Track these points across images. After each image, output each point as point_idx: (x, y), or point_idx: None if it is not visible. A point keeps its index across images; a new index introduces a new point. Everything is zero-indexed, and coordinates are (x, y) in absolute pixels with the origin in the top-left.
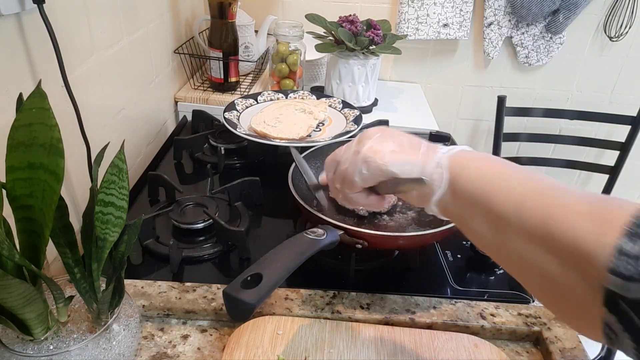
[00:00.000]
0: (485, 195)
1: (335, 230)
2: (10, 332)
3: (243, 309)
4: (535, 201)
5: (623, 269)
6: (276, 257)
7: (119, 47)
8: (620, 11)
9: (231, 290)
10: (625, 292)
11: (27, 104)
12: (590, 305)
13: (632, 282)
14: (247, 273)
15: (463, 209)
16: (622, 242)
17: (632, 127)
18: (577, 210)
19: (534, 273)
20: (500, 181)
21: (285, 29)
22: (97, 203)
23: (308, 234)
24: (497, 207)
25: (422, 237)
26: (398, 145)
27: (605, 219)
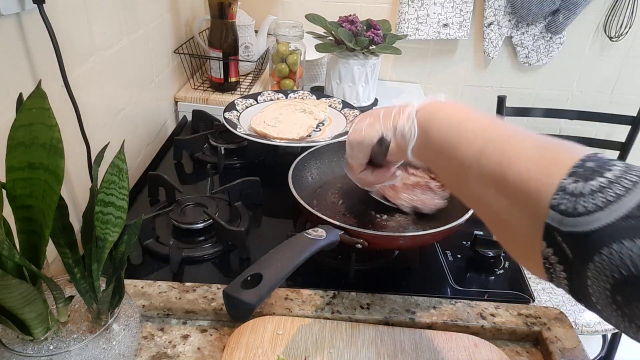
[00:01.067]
0: (450, 144)
1: (336, 230)
2: (10, 332)
3: (243, 309)
4: (493, 148)
5: (562, 206)
6: (276, 257)
7: (119, 47)
8: (620, 11)
9: (231, 290)
10: (561, 225)
11: (27, 104)
12: (532, 240)
13: (568, 216)
14: (247, 273)
15: (432, 156)
16: (565, 182)
17: (632, 127)
18: (529, 155)
19: (489, 212)
20: (463, 131)
21: (285, 29)
22: (97, 203)
23: (308, 234)
24: (460, 155)
25: (422, 237)
26: (374, 117)
27: (553, 162)
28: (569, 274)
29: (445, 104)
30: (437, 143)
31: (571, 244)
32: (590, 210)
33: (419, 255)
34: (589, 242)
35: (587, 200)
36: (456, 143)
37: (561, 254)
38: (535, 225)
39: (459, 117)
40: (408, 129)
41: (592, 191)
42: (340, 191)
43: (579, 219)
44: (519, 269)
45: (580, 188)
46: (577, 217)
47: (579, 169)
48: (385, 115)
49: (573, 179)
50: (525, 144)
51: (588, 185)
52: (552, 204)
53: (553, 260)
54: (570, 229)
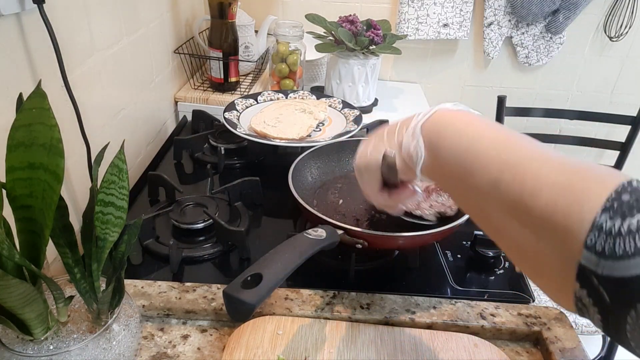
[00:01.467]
0: (462, 169)
1: (336, 230)
2: (10, 332)
3: (243, 309)
4: (511, 175)
5: (598, 246)
6: (276, 257)
7: (119, 47)
8: (620, 11)
9: (231, 290)
10: (597, 268)
11: (27, 104)
12: (563, 278)
13: (605, 259)
14: (247, 273)
15: (445, 178)
16: (600, 218)
17: (632, 127)
18: (554, 183)
19: (512, 244)
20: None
21: (285, 29)
22: (97, 203)
23: (308, 234)
24: (475, 182)
25: (422, 237)
26: (378, 138)
27: (584, 193)
28: (605, 317)
29: (453, 117)
30: (448, 166)
31: (610, 288)
32: (630, 253)
33: (419, 255)
34: (631, 289)
35: (627, 241)
36: (469, 169)
37: (597, 297)
38: (567, 264)
39: (470, 135)
40: (414, 147)
41: (630, 230)
42: (341, 191)
43: (619, 262)
44: None
45: (617, 226)
46: (617, 261)
47: (614, 202)
48: (389, 133)
49: (608, 215)
50: (547, 168)
51: (626, 223)
52: (587, 243)
53: (587, 302)
54: (609, 273)
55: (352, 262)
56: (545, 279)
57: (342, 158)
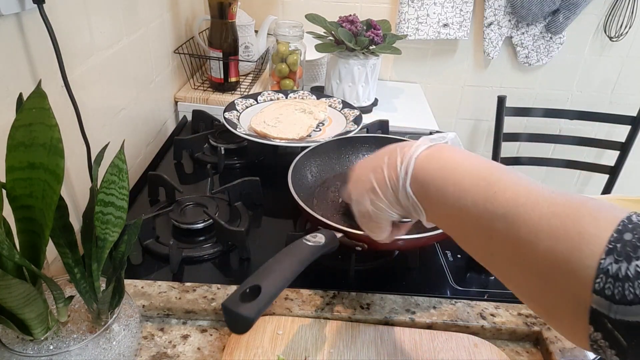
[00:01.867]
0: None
1: (335, 234)
2: (10, 332)
3: (242, 323)
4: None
5: (607, 290)
6: (275, 267)
7: (119, 47)
8: (620, 11)
9: (230, 304)
10: (610, 312)
11: (27, 104)
12: (576, 321)
13: (617, 303)
14: (246, 285)
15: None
16: (605, 262)
17: (632, 127)
18: (547, 228)
19: (522, 289)
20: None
21: (285, 29)
22: (97, 203)
23: (307, 240)
24: (471, 234)
25: (422, 239)
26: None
27: (584, 238)
28: (623, 357)
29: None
30: (445, 220)
31: (624, 332)
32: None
33: (419, 255)
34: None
35: (635, 285)
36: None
37: (613, 340)
38: (578, 308)
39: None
40: (412, 206)
41: (638, 273)
42: (341, 189)
43: (631, 307)
44: None
45: (624, 270)
46: (628, 306)
47: (617, 244)
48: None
49: (613, 258)
50: (537, 212)
51: (633, 266)
52: (596, 288)
53: (602, 344)
54: (622, 318)
55: (352, 262)
56: (558, 321)
57: (342, 155)
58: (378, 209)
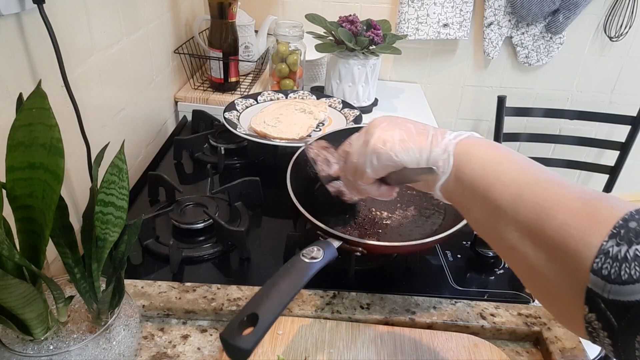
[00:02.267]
0: (484, 184)
1: (333, 245)
2: (10, 332)
3: (240, 354)
4: (530, 194)
5: (604, 270)
6: (272, 291)
7: (119, 47)
8: (620, 11)
9: (227, 336)
10: (604, 292)
11: (27, 104)
12: (573, 301)
13: (611, 283)
14: (243, 314)
15: (464, 195)
16: (607, 244)
17: (632, 127)
18: (570, 206)
19: (524, 265)
20: (499, 172)
21: (285, 29)
22: (97, 203)
23: (305, 256)
24: (495, 197)
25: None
26: (406, 133)
27: (595, 219)
28: (614, 341)
29: (482, 142)
30: (470, 182)
31: (616, 312)
32: (636, 278)
33: (419, 255)
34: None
35: (632, 266)
36: (491, 184)
37: (605, 321)
38: (575, 288)
39: (496, 157)
40: (442, 162)
41: (637, 256)
42: None
43: (624, 287)
44: None
45: (624, 252)
46: (622, 285)
47: (621, 229)
48: (420, 135)
49: (615, 241)
50: (565, 192)
51: (632, 249)
52: (594, 267)
53: (596, 326)
54: (615, 297)
55: (352, 263)
56: (556, 302)
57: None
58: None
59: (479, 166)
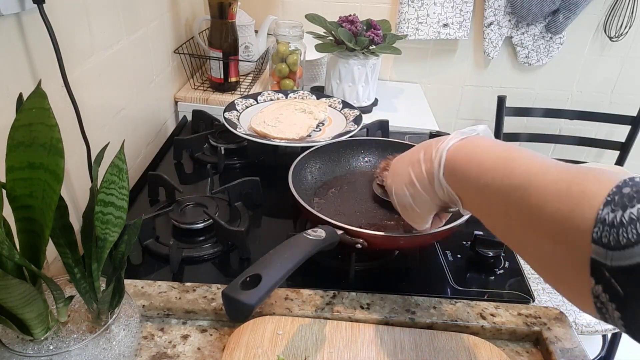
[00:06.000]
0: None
1: (335, 230)
2: (10, 332)
3: (242, 310)
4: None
5: (604, 238)
6: (275, 257)
7: (119, 47)
8: (620, 11)
9: (230, 291)
10: (606, 260)
11: (27, 104)
12: (580, 277)
13: (612, 250)
14: (246, 274)
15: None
16: (602, 212)
17: (632, 127)
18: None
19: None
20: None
21: (285, 29)
22: (97, 203)
23: (308, 234)
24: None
25: (422, 237)
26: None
27: (583, 195)
28: (623, 313)
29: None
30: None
31: (621, 279)
32: (634, 241)
33: (419, 255)
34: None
35: (629, 230)
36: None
37: (612, 291)
38: (581, 263)
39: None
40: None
41: (632, 219)
42: (341, 190)
43: (624, 252)
44: (519, 269)
45: (619, 217)
46: (622, 250)
47: (615, 196)
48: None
49: (610, 208)
50: (547, 180)
51: (627, 213)
52: (594, 237)
53: (604, 299)
54: (617, 263)
55: (352, 262)
56: (567, 284)
57: (342, 157)
58: (418, 201)
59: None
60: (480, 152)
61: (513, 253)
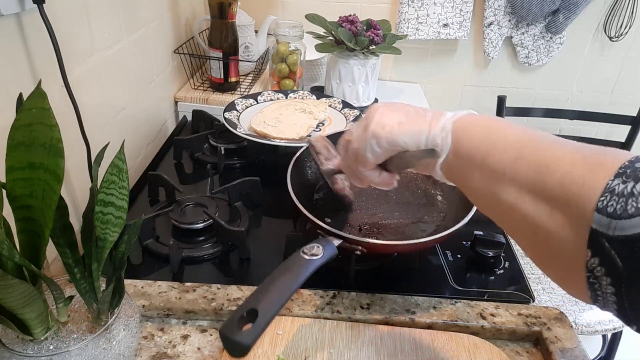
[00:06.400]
0: (482, 152)
1: (333, 243)
2: (10, 332)
3: (239, 349)
4: (531, 153)
5: (609, 207)
6: (272, 287)
7: (119, 47)
8: (620, 11)
9: (226, 331)
10: (609, 230)
11: (27, 104)
12: (575, 250)
13: (617, 219)
14: (243, 309)
15: (463, 167)
16: (613, 182)
17: (632, 127)
18: (571, 159)
19: (525, 224)
20: (497, 139)
21: (285, 29)
22: (97, 203)
23: (304, 253)
24: (494, 160)
25: (422, 244)
26: (405, 115)
27: (599, 165)
28: (618, 288)
29: (480, 117)
30: (468, 152)
31: (621, 250)
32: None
33: (419, 255)
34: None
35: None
36: (489, 149)
37: (609, 264)
38: (578, 232)
39: (493, 127)
40: (441, 140)
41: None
42: None
43: (631, 220)
44: (519, 269)
45: (630, 188)
46: (629, 219)
47: (627, 169)
48: (419, 117)
49: (621, 180)
50: (565, 149)
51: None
52: (599, 206)
53: (599, 273)
54: (620, 233)
55: (352, 262)
56: (556, 257)
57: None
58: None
59: (477, 137)
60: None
61: (513, 253)
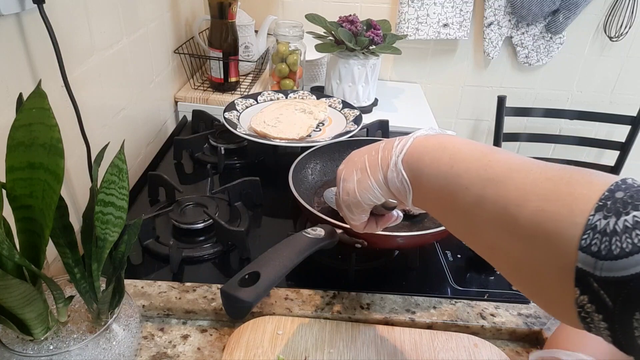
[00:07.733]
0: (446, 195)
1: (335, 230)
2: (10, 332)
3: (240, 308)
4: (493, 191)
5: (593, 246)
6: (274, 255)
7: (119, 47)
8: (620, 11)
9: (228, 288)
10: (595, 270)
11: (27, 104)
12: (562, 287)
13: (602, 259)
14: (245, 271)
15: (432, 205)
16: (593, 218)
17: (632, 127)
18: (541, 191)
19: (506, 260)
20: (456, 177)
21: (285, 29)
22: (97, 203)
23: (307, 233)
24: (459, 205)
25: (422, 236)
26: (361, 169)
27: (572, 197)
28: (611, 324)
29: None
30: (433, 193)
31: (610, 291)
32: (628, 251)
33: (419, 255)
34: (633, 289)
35: (623, 239)
36: (452, 192)
37: (599, 302)
38: (563, 271)
39: (446, 162)
40: (400, 183)
41: (627, 227)
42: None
43: (617, 262)
44: None
45: (612, 224)
46: (614, 260)
47: (607, 201)
48: (372, 165)
49: (602, 214)
50: (530, 178)
51: (622, 221)
52: (582, 245)
53: (589, 309)
54: (607, 274)
55: (352, 262)
56: (545, 293)
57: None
58: (363, 188)
59: (434, 177)
60: (456, 142)
61: None
